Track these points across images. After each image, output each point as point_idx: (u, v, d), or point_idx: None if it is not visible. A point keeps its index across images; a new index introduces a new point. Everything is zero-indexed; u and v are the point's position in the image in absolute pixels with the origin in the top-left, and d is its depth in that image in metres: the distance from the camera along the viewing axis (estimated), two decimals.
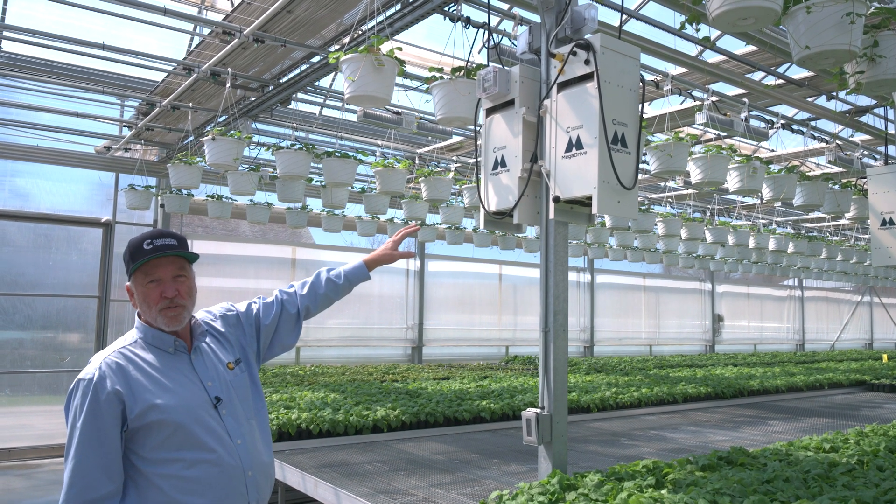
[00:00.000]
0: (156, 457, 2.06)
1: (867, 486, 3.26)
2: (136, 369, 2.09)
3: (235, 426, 2.18)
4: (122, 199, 8.83)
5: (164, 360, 2.16)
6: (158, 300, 2.15)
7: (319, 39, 5.52)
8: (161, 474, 2.05)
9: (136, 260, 2.13)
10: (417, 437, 5.84)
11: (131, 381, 2.06)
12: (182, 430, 2.07)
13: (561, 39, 3.54)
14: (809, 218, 13.41)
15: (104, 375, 2.04)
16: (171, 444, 2.06)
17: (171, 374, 2.14)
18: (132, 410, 2.03)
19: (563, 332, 3.51)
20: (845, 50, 3.16)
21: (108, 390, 2.02)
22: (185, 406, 2.10)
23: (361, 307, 12.10)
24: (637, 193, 3.41)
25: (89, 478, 1.98)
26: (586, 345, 15.04)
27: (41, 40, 6.04)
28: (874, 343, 22.86)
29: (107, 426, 2.01)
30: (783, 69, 6.23)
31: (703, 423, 6.96)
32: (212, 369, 2.23)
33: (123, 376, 2.06)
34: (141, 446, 2.06)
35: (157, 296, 2.15)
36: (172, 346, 2.19)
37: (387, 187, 7.12)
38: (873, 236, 5.62)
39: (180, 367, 2.17)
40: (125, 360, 2.10)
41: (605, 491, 3.09)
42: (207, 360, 2.24)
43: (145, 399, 2.05)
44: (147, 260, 2.12)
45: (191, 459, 2.07)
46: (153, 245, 2.13)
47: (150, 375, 2.10)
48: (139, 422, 2.04)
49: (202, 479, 2.07)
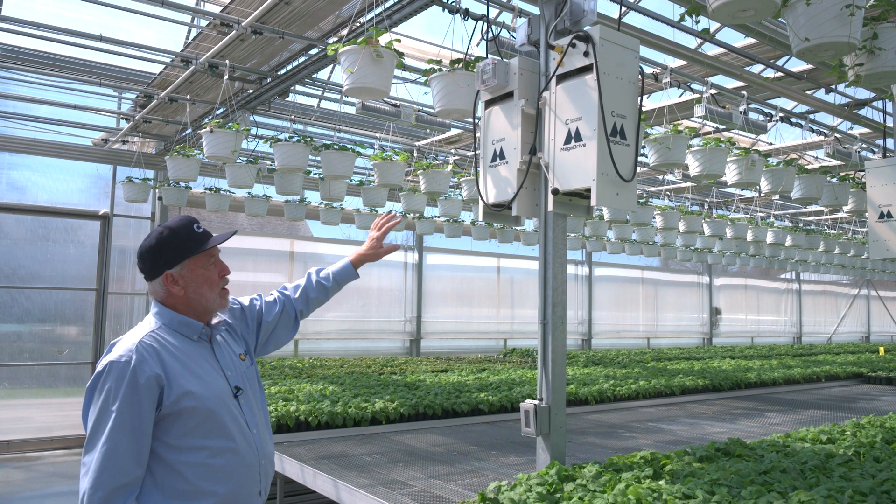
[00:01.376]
0: (182, 444, 2.03)
1: (864, 476, 3.28)
2: (168, 354, 2.07)
3: (251, 416, 2.20)
4: (120, 192, 8.82)
5: (189, 347, 2.14)
6: (219, 280, 2.20)
7: (317, 31, 5.51)
8: (186, 462, 2.03)
9: (201, 244, 2.15)
10: (416, 429, 5.85)
11: (167, 365, 2.04)
12: (212, 418, 2.06)
13: (560, 31, 3.53)
14: (807, 211, 13.43)
15: (143, 358, 2.00)
16: (199, 431, 2.05)
17: (198, 362, 2.13)
18: (168, 396, 2.00)
19: (561, 325, 3.51)
20: (845, 42, 3.15)
21: (148, 374, 1.98)
22: (215, 394, 2.09)
23: (360, 300, 12.11)
24: (636, 186, 3.41)
25: (121, 463, 1.94)
26: (584, 337, 15.07)
27: (39, 32, 6.02)
28: (871, 336, 22.93)
29: (143, 411, 1.97)
30: (782, 62, 6.22)
31: (700, 415, 6.99)
32: (229, 359, 2.25)
33: (160, 360, 2.03)
34: (167, 433, 2.03)
35: (217, 277, 2.20)
36: (198, 334, 2.18)
37: (385, 180, 7.11)
38: (871, 229, 5.62)
39: (204, 354, 2.17)
40: (158, 345, 2.07)
41: (603, 482, 3.10)
42: (225, 350, 2.26)
43: (180, 385, 2.03)
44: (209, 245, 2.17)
45: (216, 448, 2.06)
46: (202, 230, 2.18)
47: (182, 361, 2.08)
48: (172, 408, 2.01)
49: (226, 467, 2.07)
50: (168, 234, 2.15)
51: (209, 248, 2.17)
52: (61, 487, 6.85)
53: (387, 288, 12.57)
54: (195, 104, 6.95)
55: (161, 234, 2.15)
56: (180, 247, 2.14)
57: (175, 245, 2.14)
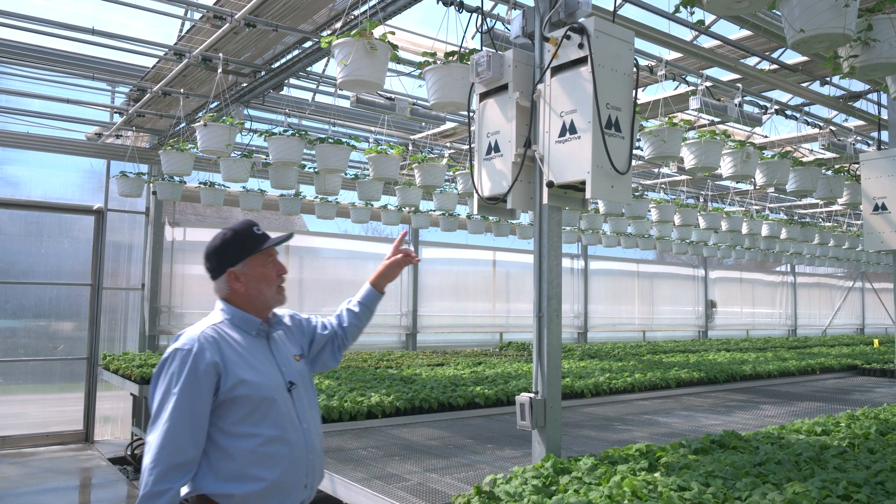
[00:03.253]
0: (236, 430, 2.19)
1: (858, 468, 3.29)
2: (227, 346, 2.25)
3: (303, 410, 2.35)
4: (114, 187, 8.78)
5: (247, 341, 2.32)
6: (276, 278, 2.39)
7: (311, 24, 5.48)
8: (238, 447, 2.18)
9: (260, 244, 2.36)
10: (412, 423, 5.85)
11: (225, 355, 2.22)
12: (264, 407, 2.22)
13: (555, 23, 3.52)
14: (802, 204, 13.45)
15: (203, 347, 2.19)
16: (252, 419, 2.21)
17: (255, 354, 2.30)
18: (225, 383, 2.18)
19: (556, 317, 3.51)
20: (839, 33, 3.15)
21: (207, 361, 2.17)
22: (269, 385, 2.25)
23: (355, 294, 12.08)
24: (631, 178, 3.41)
25: (179, 442, 2.10)
26: (580, 331, 15.09)
27: (30, 25, 5.97)
28: (865, 328, 23.02)
29: (202, 395, 2.15)
30: (777, 54, 6.22)
31: (695, 407, 7.00)
32: (285, 356, 2.41)
33: (219, 350, 2.22)
34: (223, 419, 2.19)
35: (275, 274, 2.39)
36: (256, 330, 2.36)
37: (380, 174, 7.10)
38: (865, 221, 5.64)
39: (261, 349, 2.34)
40: (219, 336, 2.26)
41: (599, 474, 3.11)
42: (281, 348, 2.42)
43: (236, 374, 2.20)
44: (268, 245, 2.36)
45: (267, 436, 2.21)
46: (261, 231, 2.39)
47: (239, 353, 2.26)
48: (228, 394, 2.18)
49: (274, 455, 2.21)
50: (231, 236, 2.37)
51: (267, 248, 2.36)
52: (57, 483, 6.84)
53: None
54: (189, 98, 6.90)
55: (225, 235, 2.37)
56: (241, 246, 2.35)
57: (237, 245, 2.35)
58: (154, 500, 2.06)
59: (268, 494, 2.20)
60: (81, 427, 8.84)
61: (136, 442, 8.01)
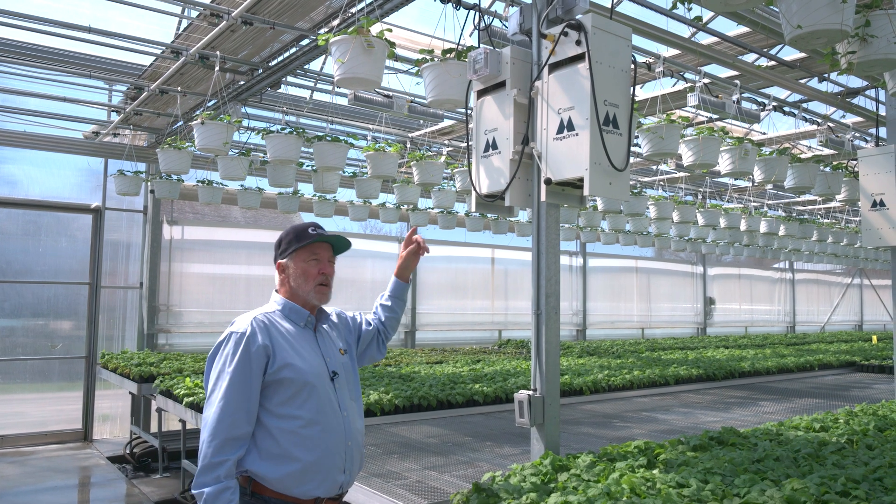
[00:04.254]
0: (280, 411, 2.36)
1: (857, 464, 3.29)
2: (276, 332, 2.45)
3: (344, 400, 2.52)
4: (112, 185, 8.76)
5: (296, 331, 2.52)
6: (316, 276, 2.55)
7: (308, 22, 5.46)
8: (280, 428, 2.35)
9: (303, 241, 2.54)
10: (411, 421, 5.85)
11: (274, 339, 2.42)
12: (306, 391, 2.39)
13: (552, 20, 3.51)
14: (800, 200, 13.46)
15: (255, 331, 2.39)
16: (295, 402, 2.38)
17: (302, 343, 2.49)
18: (272, 365, 2.37)
19: (554, 315, 3.51)
20: (837, 29, 3.15)
21: (259, 343, 2.37)
22: (312, 371, 2.43)
23: (354, 292, 12.08)
24: (629, 175, 3.41)
25: (235, 416, 2.29)
26: (579, 328, 15.09)
27: (27, 24, 5.96)
28: (864, 324, 23.03)
29: (254, 374, 2.34)
30: (775, 51, 6.21)
31: (694, 404, 7.01)
32: (330, 348, 2.60)
33: (269, 334, 2.42)
34: (269, 399, 2.37)
35: (315, 272, 2.55)
36: (304, 321, 2.55)
37: (378, 171, 7.09)
38: (864, 218, 5.63)
39: (308, 339, 2.53)
40: (269, 322, 2.46)
41: (597, 471, 3.11)
42: (327, 341, 2.61)
43: (283, 357, 2.39)
44: (313, 241, 2.54)
45: (308, 419, 2.38)
46: (317, 231, 2.57)
47: (287, 339, 2.46)
48: (274, 376, 2.37)
49: (313, 437, 2.37)
50: (289, 230, 2.60)
51: (311, 246, 2.54)
52: (55, 482, 6.83)
53: (381, 280, 12.54)
54: (186, 96, 6.89)
55: (286, 229, 2.61)
56: (291, 241, 2.56)
57: (289, 239, 2.58)
58: (214, 471, 2.23)
59: (305, 475, 2.35)
60: (80, 426, 8.84)
61: (134, 440, 8.01)
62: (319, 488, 2.38)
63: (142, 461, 7.69)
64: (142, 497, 6.33)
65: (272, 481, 2.32)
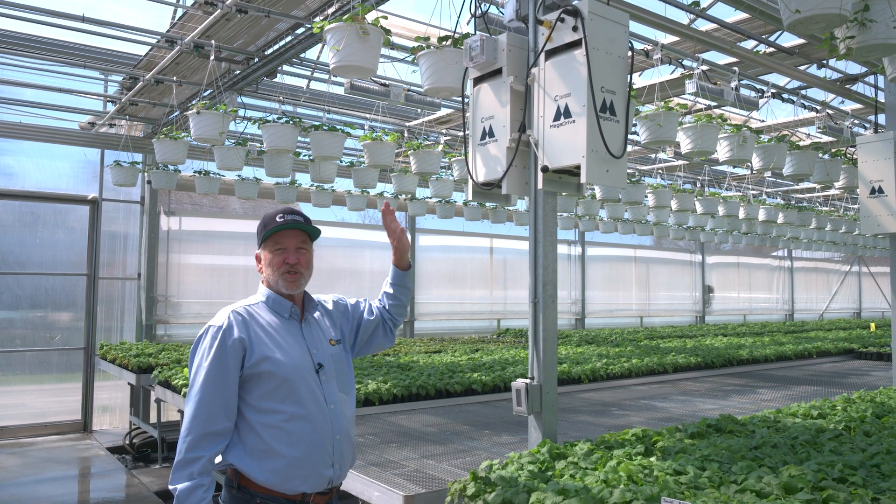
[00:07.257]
0: (261, 405, 2.33)
1: (854, 451, 3.29)
2: (256, 325, 2.40)
3: (331, 392, 2.45)
4: (109, 176, 8.73)
5: (279, 323, 2.46)
6: (281, 265, 2.47)
7: (304, 10, 5.42)
8: (262, 422, 2.32)
9: (268, 229, 2.47)
10: (409, 410, 5.86)
11: (252, 333, 2.37)
12: (287, 385, 2.34)
13: (549, 6, 3.48)
14: (799, 188, 13.44)
15: (232, 324, 2.36)
16: (276, 395, 2.33)
17: (285, 336, 2.43)
18: (249, 358, 2.33)
19: (552, 303, 3.50)
20: (836, 14, 3.12)
21: (235, 337, 2.33)
22: (293, 364, 2.37)
23: (352, 282, 12.07)
24: (626, 162, 3.39)
25: (211, 412, 2.26)
26: (577, 317, 15.10)
27: (21, 13, 5.91)
28: (862, 312, 23.08)
29: (230, 368, 2.30)
30: (774, 37, 6.17)
31: (692, 392, 7.02)
32: (318, 339, 2.52)
33: (246, 328, 2.37)
34: (249, 393, 2.34)
35: (280, 261, 2.47)
36: (288, 312, 2.49)
37: (375, 161, 7.06)
38: (862, 205, 5.62)
39: (292, 331, 2.47)
40: (248, 315, 2.42)
41: (595, 459, 3.11)
42: (315, 331, 2.54)
43: (261, 351, 2.35)
44: (277, 230, 2.46)
45: (290, 413, 2.33)
46: (284, 218, 2.47)
47: (268, 332, 2.41)
48: (252, 370, 2.33)
49: (297, 432, 2.32)
50: (262, 219, 2.54)
51: (276, 235, 2.46)
52: (55, 473, 6.85)
53: (379, 270, 12.53)
54: (182, 86, 6.85)
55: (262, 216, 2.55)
56: (261, 230, 2.51)
57: (260, 228, 2.52)
58: (188, 467, 2.20)
59: (290, 471, 2.30)
60: (79, 417, 8.85)
61: (134, 431, 8.02)
62: (305, 484, 2.33)
63: (141, 451, 7.70)
64: (141, 487, 6.34)
65: (257, 477, 2.28)
